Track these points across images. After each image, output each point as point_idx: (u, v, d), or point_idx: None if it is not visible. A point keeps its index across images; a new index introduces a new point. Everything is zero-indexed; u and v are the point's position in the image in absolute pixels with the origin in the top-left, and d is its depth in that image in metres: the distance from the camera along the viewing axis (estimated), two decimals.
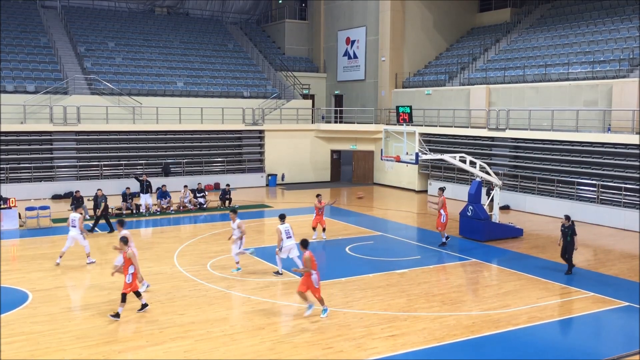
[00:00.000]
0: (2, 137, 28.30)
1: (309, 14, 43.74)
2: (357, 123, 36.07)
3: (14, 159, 28.87)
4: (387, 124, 33.28)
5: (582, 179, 24.71)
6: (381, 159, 23.04)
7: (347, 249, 19.05)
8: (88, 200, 24.46)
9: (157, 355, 10.74)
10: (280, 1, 45.22)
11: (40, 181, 29.00)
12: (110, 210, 24.17)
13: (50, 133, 29.80)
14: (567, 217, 16.27)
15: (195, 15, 44.62)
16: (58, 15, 38.70)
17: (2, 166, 28.21)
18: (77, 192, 24.14)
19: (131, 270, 12.56)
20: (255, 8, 46.70)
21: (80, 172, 30.22)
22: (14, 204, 22.11)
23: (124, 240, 12.98)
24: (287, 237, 15.61)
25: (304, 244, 12.93)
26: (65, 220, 23.14)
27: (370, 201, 29.93)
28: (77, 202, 23.12)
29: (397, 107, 22.74)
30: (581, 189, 24.65)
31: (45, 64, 33.12)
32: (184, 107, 32.80)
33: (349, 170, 37.18)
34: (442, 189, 19.93)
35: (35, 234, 21.05)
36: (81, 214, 17.54)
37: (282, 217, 15.96)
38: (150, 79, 34.93)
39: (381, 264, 17.30)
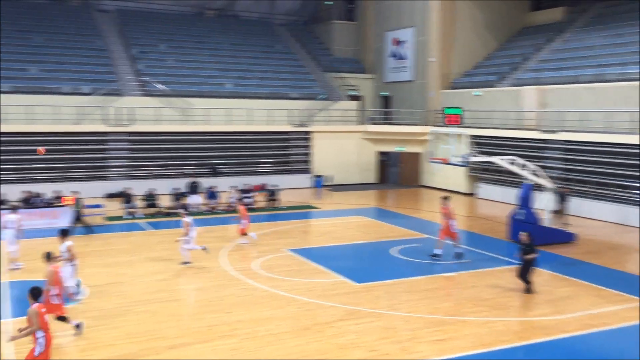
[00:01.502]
0: (59, 138, 29.32)
1: (357, 14, 43.67)
2: (405, 124, 35.80)
3: (70, 158, 29.83)
4: (435, 126, 32.91)
5: (638, 182, 23.84)
6: (429, 161, 22.79)
7: (393, 251, 18.92)
8: (139, 199, 25.10)
9: (205, 353, 10.90)
10: (329, 2, 45.28)
11: (94, 180, 29.88)
12: (161, 209, 24.81)
13: (103, 134, 30.68)
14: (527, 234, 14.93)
15: (244, 18, 45.15)
16: (113, 19, 39.82)
17: (59, 165, 29.22)
18: (127, 189, 24.79)
19: (54, 291, 11.47)
20: (304, 9, 46.91)
21: (132, 172, 31.00)
22: (69, 203, 22.83)
23: (48, 257, 11.88)
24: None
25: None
26: (118, 218, 23.85)
27: (418, 203, 29.64)
28: (126, 198, 23.75)
29: (444, 109, 22.45)
30: (637, 193, 23.78)
31: (100, 66, 34.14)
32: (233, 109, 33.25)
33: (396, 172, 36.93)
34: (446, 198, 18.61)
35: (91, 231, 21.66)
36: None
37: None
38: (200, 80, 35.56)
39: (428, 267, 17.11)
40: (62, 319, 11.56)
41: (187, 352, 10.96)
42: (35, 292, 9.21)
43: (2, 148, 28.24)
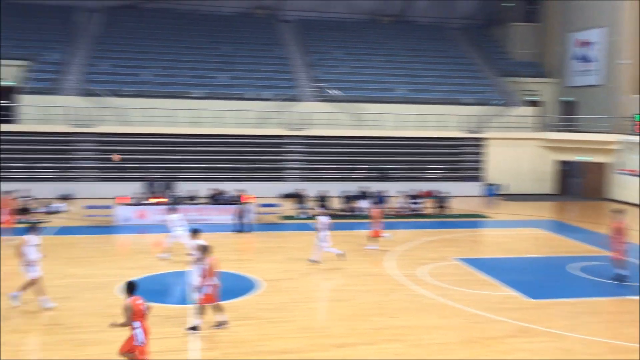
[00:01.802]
0: (242, 140, 31.63)
1: (538, 16, 41.40)
2: (589, 132, 33.14)
3: (251, 159, 31.99)
4: (625, 134, 30.03)
5: None
6: (617, 172, 20.85)
7: (572, 268, 17.60)
8: (312, 200, 26.14)
9: (370, 355, 11.04)
10: (509, 4, 43.46)
11: (271, 181, 31.73)
12: (332, 210, 25.60)
13: (281, 137, 32.47)
14: None
15: (418, 23, 45.02)
16: (293, 28, 41.99)
17: (241, 166, 31.52)
18: (301, 190, 25.95)
19: (211, 281, 11.88)
20: (481, 12, 45.55)
21: (306, 174, 32.41)
22: (250, 201, 24.50)
23: (203, 249, 12.18)
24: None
25: None
26: (291, 217, 25.01)
27: (602, 217, 27.28)
28: (299, 199, 24.84)
29: (635, 116, 20.37)
30: None
31: (280, 73, 36.22)
32: (404, 114, 33.31)
33: (577, 183, 34.31)
34: (619, 212, 16.47)
35: (267, 229, 23.04)
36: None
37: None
38: (373, 86, 36.15)
39: (613, 288, 15.66)
40: (202, 309, 11.85)
41: (353, 352, 11.17)
42: (130, 286, 9.52)
43: (194, 149, 31.18)
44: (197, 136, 31.30)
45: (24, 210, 23.88)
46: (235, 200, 24.99)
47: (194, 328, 11.78)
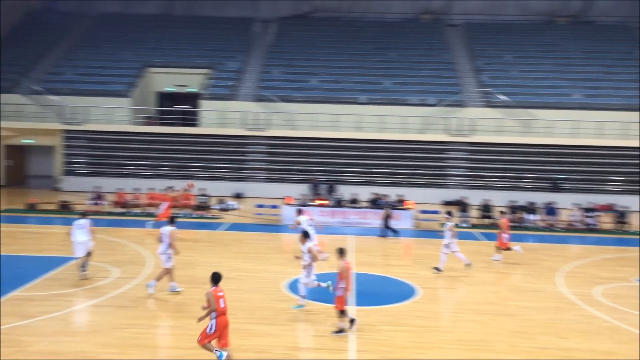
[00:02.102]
0: (405, 146, 31.52)
1: None
2: None
3: (412, 165, 31.74)
4: None
5: None
6: None
7: None
8: (475, 208, 25.25)
9: None
10: None
11: (433, 187, 31.22)
12: (495, 221, 24.50)
13: (445, 143, 31.82)
14: None
15: (600, 23, 41.64)
16: (461, 32, 41.03)
17: (403, 171, 31.42)
18: (463, 198, 25.16)
19: (342, 284, 11.78)
20: None
21: (469, 181, 31.43)
22: (410, 206, 24.32)
23: (340, 252, 12.07)
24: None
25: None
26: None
27: None
28: (462, 207, 24.11)
29: None
30: None
31: (445, 78, 35.55)
32: (580, 121, 30.96)
33: None
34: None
35: (426, 235, 22.68)
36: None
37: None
38: (545, 91, 34.07)
39: None
40: (341, 312, 11.83)
41: None
42: (215, 277, 10.03)
43: (357, 153, 31.70)
44: (360, 141, 31.79)
45: (200, 207, 25.96)
46: (395, 206, 24.98)
47: (340, 331, 11.84)
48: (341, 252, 12.07)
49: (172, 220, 14.70)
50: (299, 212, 19.42)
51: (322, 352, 10.91)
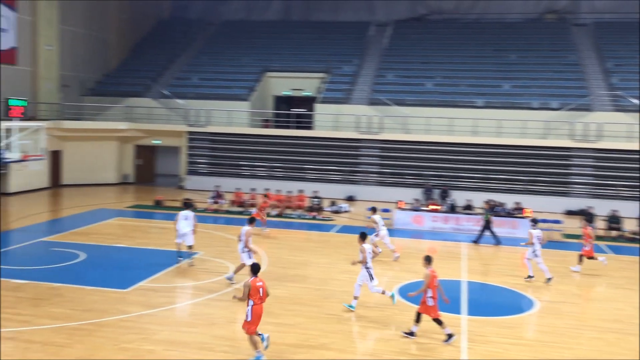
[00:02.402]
0: (524, 151, 30.19)
1: None
2: None
3: (532, 172, 30.32)
4: None
5: None
6: None
7: None
8: (601, 219, 23.72)
9: None
10: None
11: (555, 195, 29.63)
12: (624, 233, 22.89)
13: (568, 149, 30.11)
14: None
15: None
16: (589, 32, 38.69)
17: (521, 178, 30.10)
18: (589, 208, 23.65)
19: (429, 293, 11.56)
20: None
21: (595, 190, 29.50)
22: (529, 214, 23.23)
23: (427, 259, 11.85)
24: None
25: None
26: (577, 237, 23.02)
27: None
28: (587, 217, 22.68)
29: None
30: None
31: (571, 80, 33.66)
32: None
33: None
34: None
35: (546, 246, 21.53)
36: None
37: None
38: None
39: None
40: (438, 321, 11.65)
41: None
42: (254, 268, 10.64)
43: (472, 158, 30.83)
44: (476, 145, 30.85)
45: (313, 209, 26.40)
46: (512, 214, 24.02)
47: (410, 333, 11.73)
48: (428, 260, 11.86)
49: (251, 221, 15.29)
50: (374, 210, 19.39)
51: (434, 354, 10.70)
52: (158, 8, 46.30)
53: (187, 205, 17.25)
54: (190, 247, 16.71)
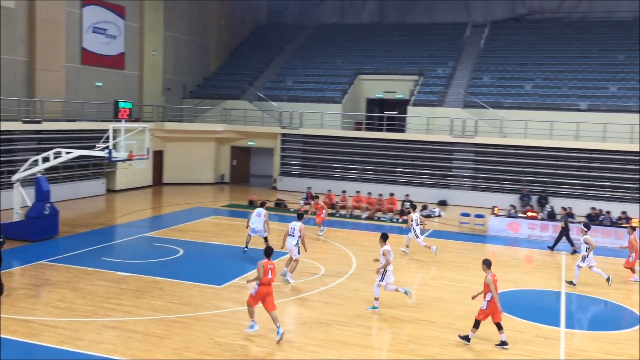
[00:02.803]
0: (630, 157, 28.38)
1: None
2: None
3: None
4: None
5: None
6: None
7: None
8: None
9: None
10: None
11: None
12: None
13: None
14: None
15: None
16: None
17: (629, 186, 28.32)
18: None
19: (488, 297, 11.39)
20: None
21: None
22: (635, 224, 21.81)
23: (487, 264, 11.68)
24: None
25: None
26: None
27: None
28: None
29: None
30: None
31: None
32: None
33: None
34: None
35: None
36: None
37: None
38: None
39: None
40: (498, 326, 11.43)
41: None
42: (268, 251, 11.84)
43: (573, 164, 29.36)
44: (579, 150, 29.34)
45: (404, 212, 26.09)
46: (617, 223, 22.67)
47: (465, 338, 11.62)
48: (487, 264, 11.71)
49: (300, 216, 16.07)
50: (414, 208, 19.75)
51: None
52: (255, 14, 47.60)
53: (262, 204, 18.23)
54: (265, 239, 17.69)
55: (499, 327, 11.43)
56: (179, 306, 13.19)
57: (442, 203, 30.10)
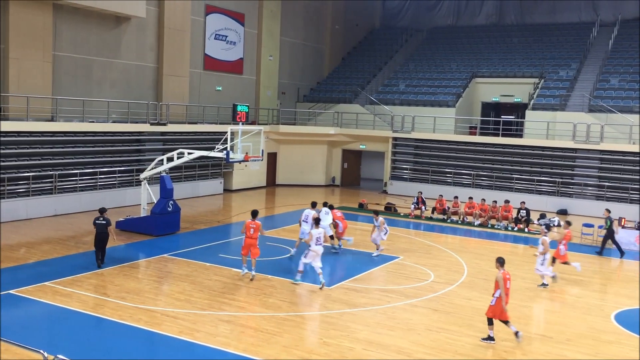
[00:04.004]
0: None
1: None
2: None
3: None
4: None
5: None
6: None
7: None
8: None
9: None
10: None
11: None
12: None
13: None
14: None
15: None
16: None
17: None
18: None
19: (497, 293, 11.69)
20: None
21: None
22: None
23: (500, 261, 11.97)
24: None
25: None
26: None
27: None
28: None
29: None
30: None
31: None
32: None
33: None
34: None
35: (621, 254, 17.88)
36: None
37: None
38: None
39: None
40: (490, 321, 11.81)
41: None
42: (253, 213, 15.55)
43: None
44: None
45: (520, 220, 24.98)
46: None
47: (488, 338, 11.74)
48: (501, 262, 11.97)
49: (313, 205, 18.10)
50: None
51: None
52: (369, 17, 47.75)
53: (324, 204, 19.31)
54: (331, 237, 18.74)
55: (490, 322, 11.75)
56: (289, 305, 13.49)
57: (563, 212, 28.54)
